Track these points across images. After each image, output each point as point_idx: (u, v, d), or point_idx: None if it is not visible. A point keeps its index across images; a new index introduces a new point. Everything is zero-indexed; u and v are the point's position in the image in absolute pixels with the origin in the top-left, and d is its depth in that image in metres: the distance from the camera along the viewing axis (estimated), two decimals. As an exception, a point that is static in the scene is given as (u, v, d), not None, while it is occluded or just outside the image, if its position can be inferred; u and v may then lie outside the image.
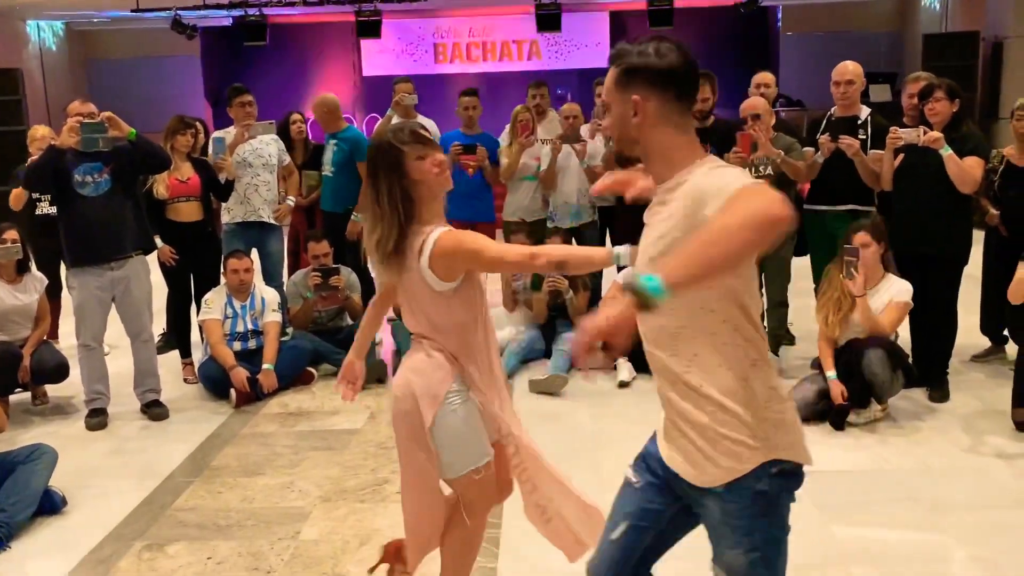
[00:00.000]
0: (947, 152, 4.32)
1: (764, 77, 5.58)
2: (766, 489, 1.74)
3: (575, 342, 1.59)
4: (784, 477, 1.76)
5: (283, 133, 6.37)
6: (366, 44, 14.41)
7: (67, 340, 5.43)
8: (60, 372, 4.93)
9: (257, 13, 12.04)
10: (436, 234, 2.29)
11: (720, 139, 5.12)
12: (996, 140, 9.38)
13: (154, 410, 4.75)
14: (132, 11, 11.80)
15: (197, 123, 6.13)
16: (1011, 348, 5.20)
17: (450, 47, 15.27)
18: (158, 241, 5.15)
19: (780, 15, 14.30)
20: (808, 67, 12.90)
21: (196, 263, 5.37)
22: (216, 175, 5.31)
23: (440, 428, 2.36)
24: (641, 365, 5.15)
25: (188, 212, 5.24)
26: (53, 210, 5.05)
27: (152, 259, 4.97)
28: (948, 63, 10.05)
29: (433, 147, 2.36)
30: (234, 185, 5.43)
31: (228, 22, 13.32)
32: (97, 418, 4.63)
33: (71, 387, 5.02)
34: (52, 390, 5.09)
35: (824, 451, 4.04)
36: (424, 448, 2.40)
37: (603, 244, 6.18)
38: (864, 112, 4.90)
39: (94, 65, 14.44)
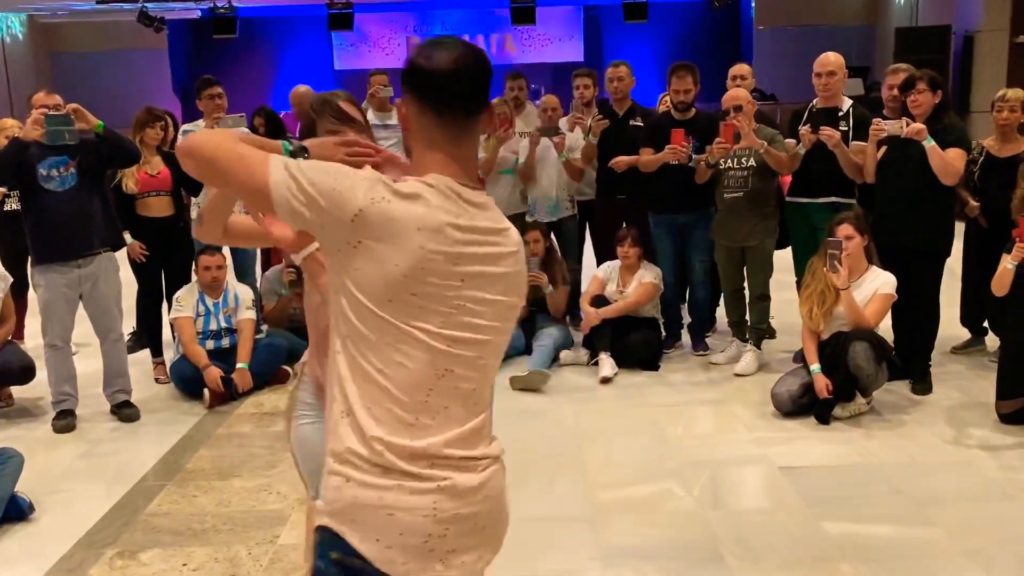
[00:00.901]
0: (930, 144, 4.30)
1: (741, 69, 5.54)
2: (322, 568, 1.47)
3: None
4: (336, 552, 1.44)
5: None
6: (338, 38, 14.25)
7: (33, 340, 5.25)
8: (26, 373, 4.76)
9: (227, 5, 11.84)
10: None
11: (702, 131, 5.08)
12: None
13: (125, 411, 4.61)
14: (97, 2, 11.55)
15: (167, 116, 6.00)
16: (991, 340, 5.22)
17: (422, 41, 15.17)
18: (128, 237, 5.00)
19: (753, 10, 14.33)
20: (781, 61, 12.97)
21: (167, 259, 5.23)
22: (187, 169, 5.17)
23: (292, 442, 2.18)
24: (623, 360, 5.12)
25: (158, 207, 5.09)
26: (18, 206, 4.88)
27: (122, 256, 4.84)
28: (919, 56, 10.09)
29: (350, 127, 2.07)
30: (205, 179, 5.29)
31: (197, 15, 13.10)
32: (65, 420, 4.48)
33: (38, 388, 4.85)
34: (18, 392, 4.91)
35: (810, 446, 4.01)
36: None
37: (583, 238, 6.13)
38: (846, 104, 4.87)
39: (58, 58, 14.14)
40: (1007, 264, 3.95)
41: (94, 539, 3.33)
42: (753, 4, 14.22)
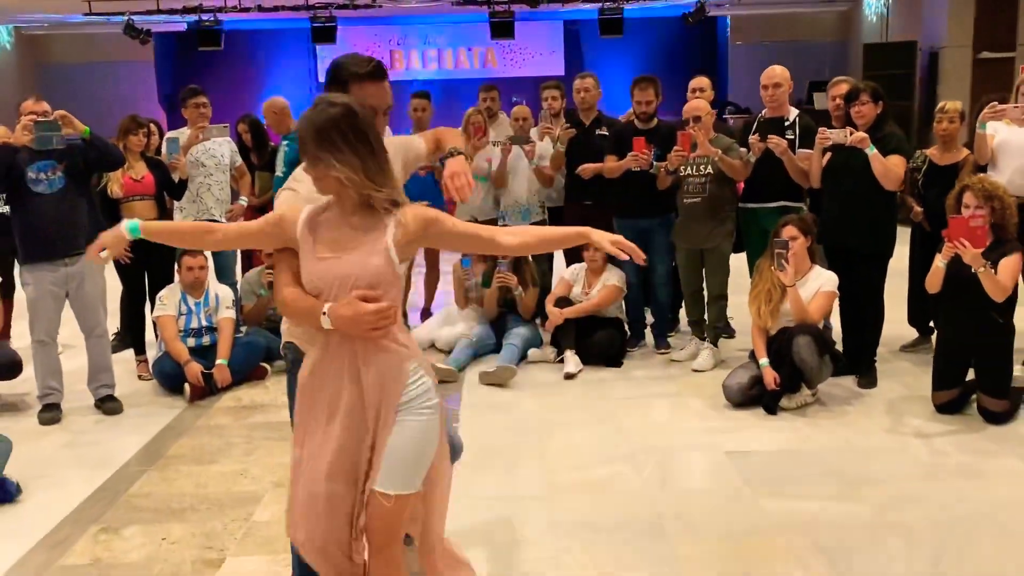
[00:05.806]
0: (872, 151, 4.59)
1: (700, 81, 5.83)
2: None
3: None
4: None
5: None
6: (322, 50, 14.49)
7: (20, 341, 5.44)
8: (13, 369, 4.96)
9: (212, 18, 12.06)
10: None
11: (662, 140, 5.34)
12: (933, 144, 9.73)
13: (108, 404, 4.81)
14: (84, 14, 11.75)
15: (151, 124, 6.23)
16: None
17: (406, 54, 15.42)
18: (112, 239, 5.20)
19: (728, 26, 14.67)
20: (756, 76, 13.21)
21: (151, 261, 5.44)
22: (170, 174, 5.40)
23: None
24: (588, 358, 5.36)
25: (142, 210, 5.30)
26: (7, 209, 5.08)
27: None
28: (887, 72, 10.45)
29: None
30: (187, 184, 5.53)
31: (183, 27, 13.30)
32: (50, 413, 4.67)
33: (24, 384, 5.06)
34: (5, 387, 5.10)
35: (756, 433, 4.26)
36: None
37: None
38: (792, 113, 5.18)
39: (45, 69, 14.29)
40: (938, 263, 4.22)
41: (79, 517, 3.54)
42: (728, 20, 14.57)
